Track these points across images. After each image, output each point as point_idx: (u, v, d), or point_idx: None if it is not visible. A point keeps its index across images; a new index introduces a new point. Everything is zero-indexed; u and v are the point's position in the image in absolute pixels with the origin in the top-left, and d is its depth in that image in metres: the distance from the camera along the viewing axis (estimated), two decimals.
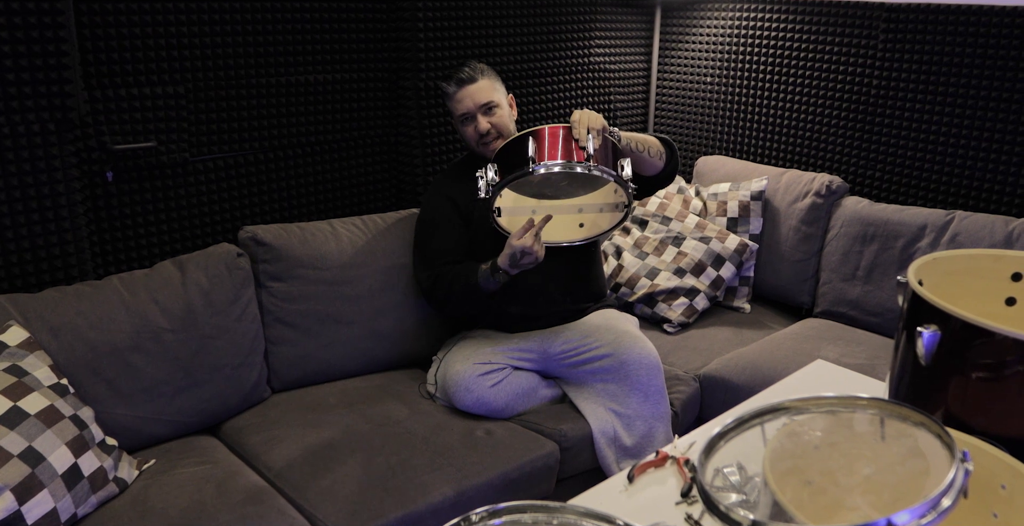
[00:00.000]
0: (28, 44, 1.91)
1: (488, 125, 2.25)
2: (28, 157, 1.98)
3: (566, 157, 1.82)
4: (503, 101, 2.30)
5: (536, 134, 1.87)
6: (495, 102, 2.26)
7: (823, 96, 3.01)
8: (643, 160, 2.12)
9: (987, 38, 2.57)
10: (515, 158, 1.86)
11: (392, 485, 1.87)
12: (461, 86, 2.25)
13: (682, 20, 3.39)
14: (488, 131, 2.25)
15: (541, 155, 1.83)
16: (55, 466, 1.64)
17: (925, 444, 1.02)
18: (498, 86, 2.31)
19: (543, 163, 1.81)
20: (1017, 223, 2.46)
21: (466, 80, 2.25)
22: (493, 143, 2.26)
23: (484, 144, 2.27)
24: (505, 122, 2.27)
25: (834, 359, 2.40)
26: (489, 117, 2.26)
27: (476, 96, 2.24)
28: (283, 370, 2.30)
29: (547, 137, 1.86)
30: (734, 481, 1.22)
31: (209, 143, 2.36)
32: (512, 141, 1.90)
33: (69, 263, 2.10)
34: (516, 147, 1.87)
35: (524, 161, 1.82)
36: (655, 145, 2.14)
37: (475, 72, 2.26)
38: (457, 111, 2.28)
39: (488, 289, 2.14)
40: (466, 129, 2.29)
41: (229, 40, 2.31)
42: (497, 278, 2.10)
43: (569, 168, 1.81)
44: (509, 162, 1.87)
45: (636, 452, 2.15)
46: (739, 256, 2.88)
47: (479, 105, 2.24)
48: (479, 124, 2.25)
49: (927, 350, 1.18)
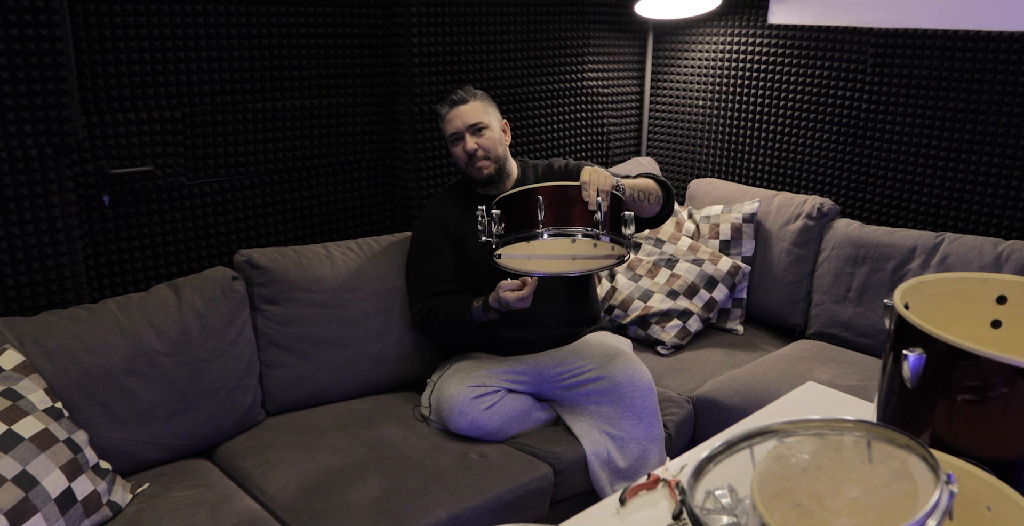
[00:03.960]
0: (26, 69, 1.93)
1: (475, 145, 2.27)
2: (25, 181, 1.99)
3: (575, 221, 1.83)
4: (494, 124, 2.32)
5: (545, 192, 1.85)
6: (484, 123, 2.29)
7: (814, 120, 3.05)
8: (642, 207, 2.16)
9: (974, 62, 2.61)
10: (521, 212, 1.85)
11: (386, 508, 1.87)
12: (453, 106, 2.30)
13: (674, 44, 3.43)
14: (475, 151, 2.27)
15: (550, 218, 1.82)
16: (49, 490, 1.65)
17: (911, 466, 1.03)
18: (491, 110, 2.34)
19: (552, 227, 1.81)
20: (1006, 245, 2.48)
21: (458, 101, 2.29)
22: (481, 163, 2.28)
23: (472, 164, 2.29)
24: (494, 144, 2.30)
25: (826, 381, 2.41)
26: (477, 138, 2.28)
27: (466, 116, 2.28)
28: (278, 393, 2.30)
29: (555, 196, 1.85)
30: (725, 503, 1.23)
31: (205, 167, 2.38)
32: (520, 194, 1.88)
33: (65, 286, 2.11)
34: (523, 201, 1.86)
35: (531, 217, 1.82)
36: (655, 191, 2.18)
37: (468, 94, 2.30)
38: (447, 131, 2.32)
39: (480, 322, 2.20)
40: (456, 149, 2.32)
41: (225, 65, 2.34)
42: (489, 315, 2.17)
43: (577, 234, 1.82)
44: (515, 215, 1.87)
45: (630, 474, 2.15)
46: (732, 278, 2.90)
47: (468, 125, 2.28)
48: (467, 143, 2.27)
49: (913, 373, 1.19)
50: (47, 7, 1.93)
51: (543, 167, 2.45)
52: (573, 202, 1.84)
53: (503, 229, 1.86)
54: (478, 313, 2.18)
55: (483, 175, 2.30)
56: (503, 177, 2.35)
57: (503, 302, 2.07)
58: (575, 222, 1.82)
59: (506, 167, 2.35)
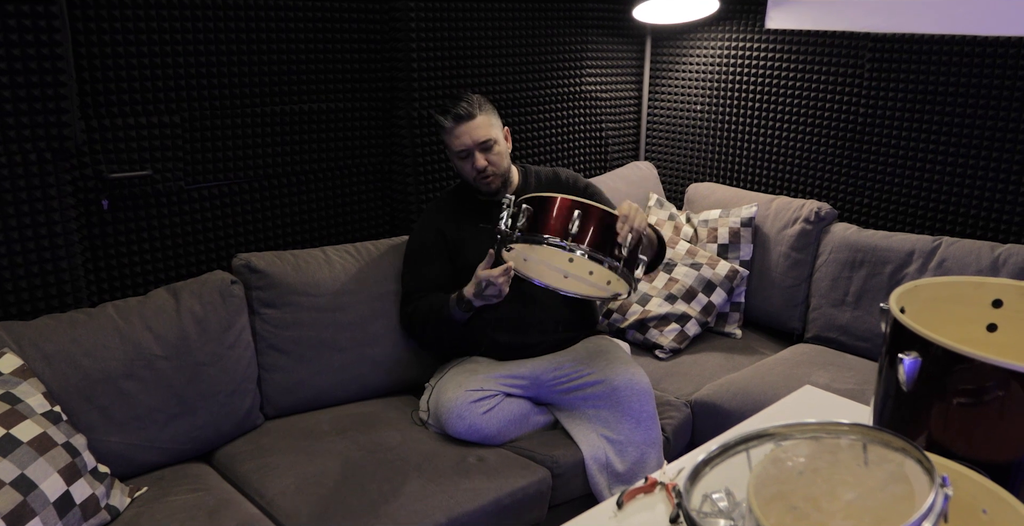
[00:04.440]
0: (26, 74, 1.94)
1: (485, 163, 2.26)
2: (24, 186, 2.00)
3: (603, 248, 1.88)
4: (500, 136, 2.30)
5: (585, 209, 1.89)
6: (493, 138, 2.26)
7: (811, 124, 3.05)
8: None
9: (971, 67, 2.61)
10: (546, 216, 1.89)
11: (385, 512, 1.88)
12: (459, 122, 2.24)
13: (672, 49, 3.44)
14: (485, 168, 2.27)
15: (582, 236, 1.87)
16: (47, 494, 1.65)
17: (907, 469, 1.04)
18: (495, 120, 2.30)
19: (583, 247, 1.86)
20: (1003, 249, 2.49)
21: (464, 116, 2.23)
22: (490, 179, 2.29)
23: (481, 179, 2.29)
24: (501, 159, 2.29)
25: (824, 384, 2.42)
26: (487, 154, 2.27)
27: (474, 134, 2.24)
28: (276, 397, 2.30)
29: (594, 218, 1.89)
30: (722, 507, 1.23)
31: (204, 172, 2.38)
32: (556, 201, 1.91)
33: (64, 290, 2.12)
34: (559, 209, 1.90)
35: (558, 226, 1.88)
36: (654, 245, 2.22)
37: (472, 107, 2.24)
38: (454, 147, 2.27)
39: (458, 319, 2.21)
40: (463, 164, 2.30)
41: (224, 70, 2.35)
42: (462, 308, 2.17)
43: (606, 263, 1.88)
44: (540, 215, 1.91)
45: (628, 478, 2.15)
46: (730, 282, 2.91)
47: (477, 143, 2.24)
48: (476, 161, 2.26)
49: (908, 376, 1.20)
50: (47, 12, 1.93)
51: (548, 175, 2.45)
52: (606, 229, 1.89)
53: (524, 225, 1.90)
54: (452, 305, 2.19)
55: (491, 189, 2.32)
56: (506, 185, 2.36)
57: (479, 283, 2.07)
58: (605, 249, 1.88)
59: (509, 176, 2.36)
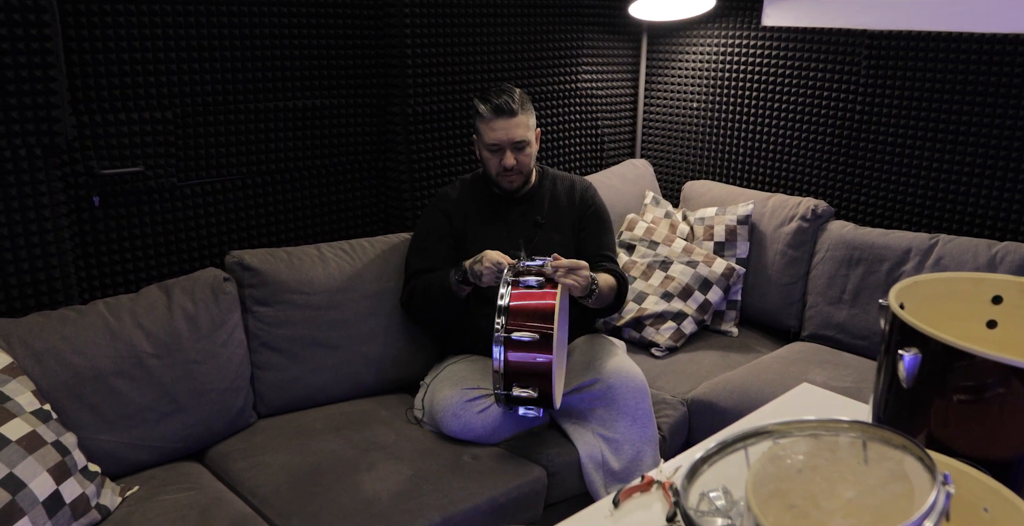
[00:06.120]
0: (16, 69, 1.91)
1: (514, 161, 2.28)
2: (14, 182, 1.98)
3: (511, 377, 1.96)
4: (533, 138, 2.32)
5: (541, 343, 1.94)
6: (527, 140, 2.28)
7: (808, 121, 3.04)
8: (597, 302, 2.19)
9: (967, 64, 2.61)
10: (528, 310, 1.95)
11: (379, 511, 1.86)
12: (499, 115, 2.23)
13: (668, 46, 3.42)
14: (512, 167, 2.28)
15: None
16: (36, 493, 1.63)
17: (907, 467, 1.02)
18: (532, 121, 2.31)
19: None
20: (1000, 246, 2.48)
21: (506, 111, 2.23)
22: (513, 177, 2.31)
23: (504, 176, 2.31)
24: (529, 160, 2.32)
25: (821, 383, 2.40)
26: (518, 154, 2.28)
27: (512, 132, 2.24)
28: (269, 395, 2.29)
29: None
30: (720, 505, 1.21)
31: (196, 168, 2.36)
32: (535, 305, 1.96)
33: (54, 287, 2.09)
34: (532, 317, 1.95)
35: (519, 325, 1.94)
36: (609, 297, 2.24)
37: (515, 103, 2.24)
38: (487, 139, 2.27)
39: (456, 292, 2.20)
40: (490, 157, 2.30)
41: (217, 66, 2.33)
42: (458, 277, 2.17)
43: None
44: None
45: (624, 476, 2.14)
46: (726, 280, 2.89)
47: (512, 141, 2.25)
48: (506, 159, 2.27)
49: (908, 373, 1.18)
50: (36, 6, 1.91)
51: (565, 185, 2.46)
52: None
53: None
54: (453, 278, 2.19)
55: (511, 187, 2.33)
56: (525, 184, 2.38)
57: (486, 260, 2.07)
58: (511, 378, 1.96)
59: (530, 177, 2.38)
